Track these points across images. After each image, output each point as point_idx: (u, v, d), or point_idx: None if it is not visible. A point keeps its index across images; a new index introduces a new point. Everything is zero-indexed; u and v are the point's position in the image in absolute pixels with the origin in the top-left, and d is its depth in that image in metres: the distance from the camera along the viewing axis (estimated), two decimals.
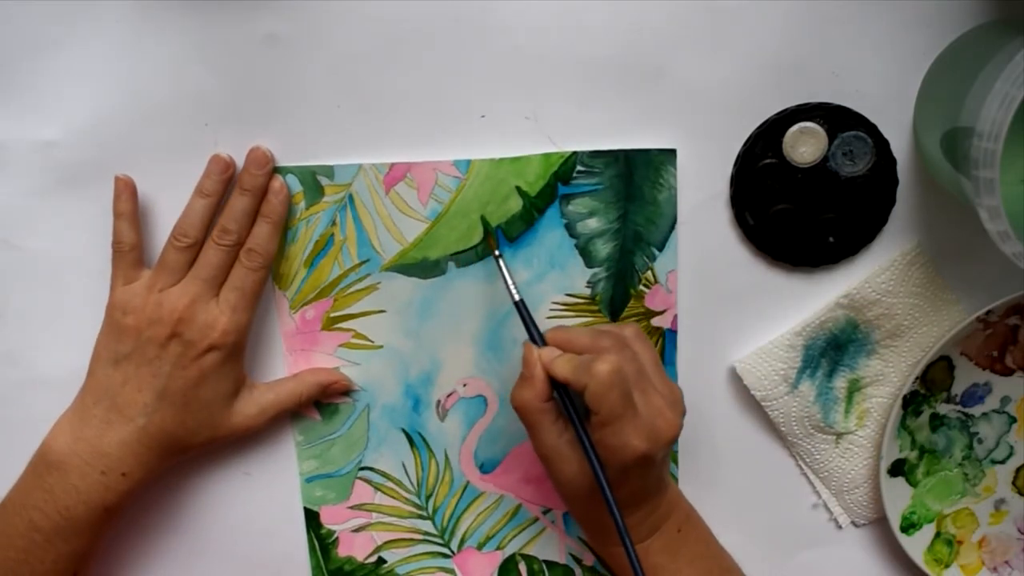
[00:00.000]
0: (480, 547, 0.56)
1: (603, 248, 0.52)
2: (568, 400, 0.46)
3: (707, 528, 0.52)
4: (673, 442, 0.46)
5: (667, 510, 0.49)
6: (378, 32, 0.48)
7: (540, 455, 0.47)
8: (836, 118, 0.50)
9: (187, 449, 0.50)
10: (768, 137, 0.50)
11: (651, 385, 0.46)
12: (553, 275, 0.52)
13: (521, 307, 0.48)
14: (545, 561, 0.57)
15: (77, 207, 0.50)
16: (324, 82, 0.49)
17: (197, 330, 0.48)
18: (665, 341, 0.53)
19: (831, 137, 0.50)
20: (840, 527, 0.56)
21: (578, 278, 0.52)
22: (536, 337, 0.48)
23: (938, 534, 0.56)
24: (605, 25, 0.48)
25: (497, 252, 0.50)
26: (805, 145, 0.50)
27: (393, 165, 0.50)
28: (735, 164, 0.51)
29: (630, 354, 0.46)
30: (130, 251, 0.49)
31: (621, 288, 0.52)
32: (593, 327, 0.49)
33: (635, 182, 0.51)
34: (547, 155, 0.50)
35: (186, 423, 0.49)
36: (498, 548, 0.56)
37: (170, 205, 0.49)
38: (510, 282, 0.49)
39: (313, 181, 0.50)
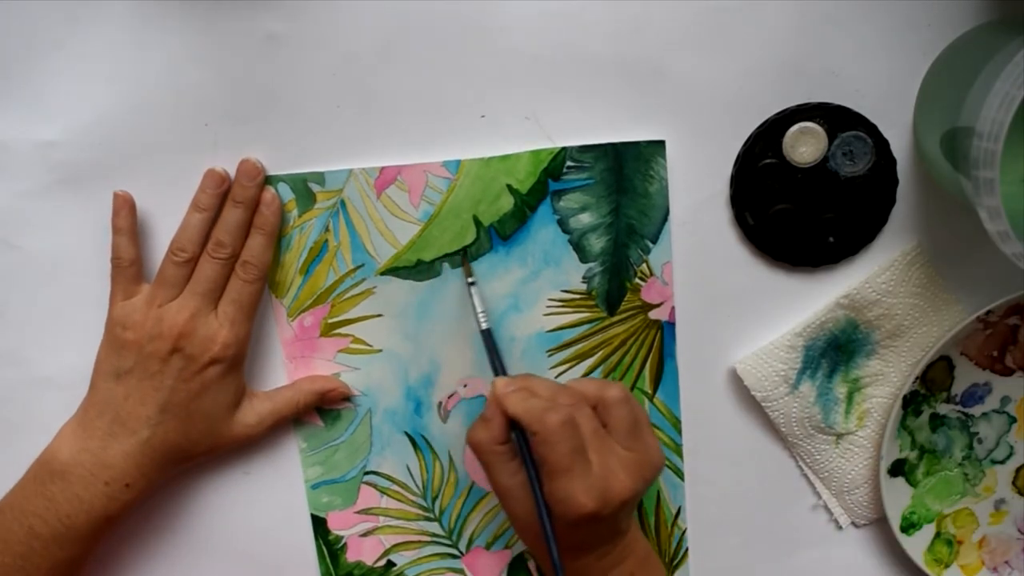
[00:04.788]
0: (488, 547, 0.56)
1: (597, 242, 0.52)
2: (525, 444, 0.46)
3: (662, 572, 0.51)
4: (627, 504, 0.45)
5: (621, 554, 0.48)
6: (379, 32, 0.48)
7: (494, 491, 0.48)
8: (836, 118, 0.50)
9: (189, 459, 0.50)
10: (768, 137, 0.50)
11: (611, 447, 0.45)
12: (548, 272, 0.52)
13: (487, 337, 0.49)
14: None
15: (77, 207, 0.50)
16: (325, 82, 0.49)
17: (198, 344, 0.48)
18: (663, 334, 0.53)
19: (831, 137, 0.50)
20: (840, 527, 0.56)
21: (573, 274, 0.52)
22: (499, 369, 0.49)
23: (938, 534, 0.56)
24: (605, 26, 0.48)
25: (471, 279, 0.50)
26: (805, 145, 0.50)
27: (383, 168, 0.50)
28: (735, 164, 0.51)
29: (587, 413, 0.45)
30: (129, 266, 0.49)
31: (617, 282, 0.52)
32: (576, 380, 0.49)
33: (626, 175, 0.51)
34: (536, 152, 0.50)
35: (189, 434, 0.49)
36: (506, 547, 0.56)
37: (170, 207, 0.49)
38: (480, 311, 0.50)
39: (304, 188, 0.50)
